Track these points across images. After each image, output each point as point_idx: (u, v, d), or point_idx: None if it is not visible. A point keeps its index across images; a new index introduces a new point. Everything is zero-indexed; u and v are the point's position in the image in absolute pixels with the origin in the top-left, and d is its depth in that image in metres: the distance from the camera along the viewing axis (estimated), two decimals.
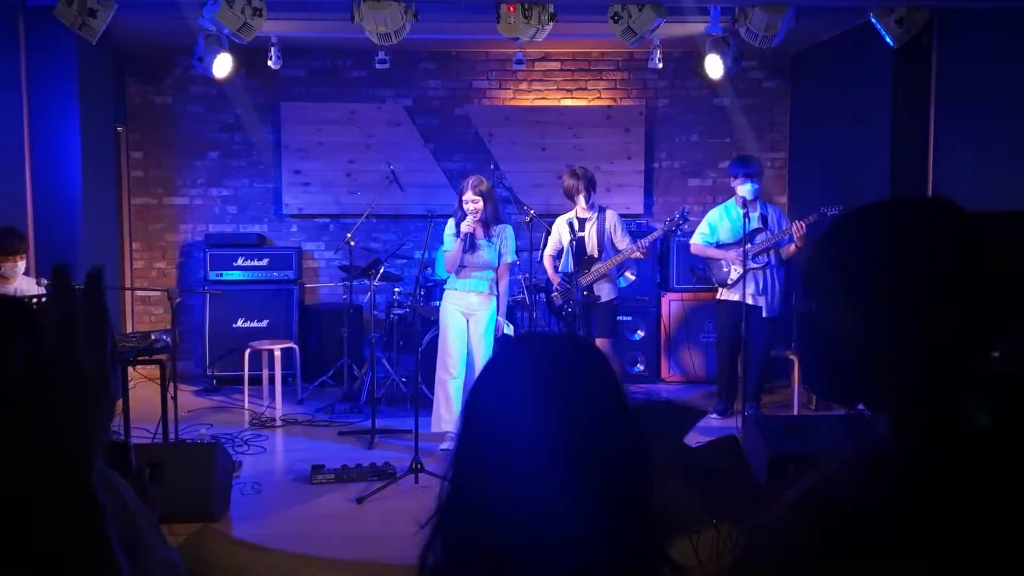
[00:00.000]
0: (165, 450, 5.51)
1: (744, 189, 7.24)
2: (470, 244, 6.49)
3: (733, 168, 7.39)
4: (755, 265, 7.26)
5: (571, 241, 7.15)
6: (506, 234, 6.62)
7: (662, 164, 9.61)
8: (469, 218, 6.43)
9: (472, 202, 6.42)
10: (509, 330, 6.75)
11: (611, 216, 7.26)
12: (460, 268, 6.57)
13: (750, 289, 7.25)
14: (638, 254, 7.11)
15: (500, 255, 6.61)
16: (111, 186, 8.29)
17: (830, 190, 8.47)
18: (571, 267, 7.19)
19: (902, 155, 7.34)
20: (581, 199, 7.13)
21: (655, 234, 7.23)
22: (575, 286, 7.11)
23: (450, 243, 6.55)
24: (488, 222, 6.53)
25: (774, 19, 6.63)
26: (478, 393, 1.43)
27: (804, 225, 7.01)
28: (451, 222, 6.60)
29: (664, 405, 4.68)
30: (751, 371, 7.34)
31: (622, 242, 7.17)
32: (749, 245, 7.19)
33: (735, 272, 7.33)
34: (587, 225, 7.22)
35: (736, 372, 7.57)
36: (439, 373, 6.69)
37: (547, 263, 7.38)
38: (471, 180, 6.53)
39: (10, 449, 1.14)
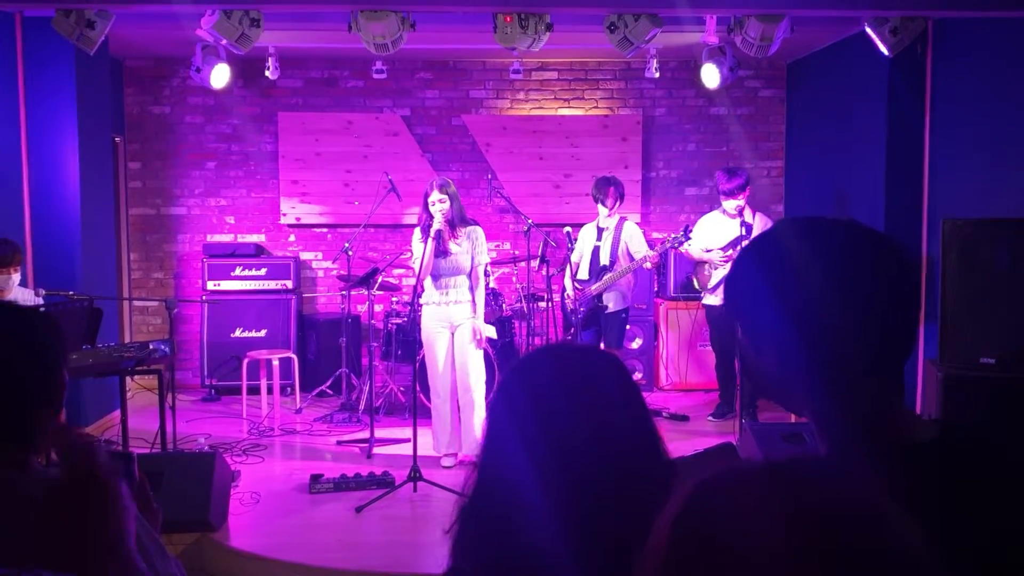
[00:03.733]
0: (163, 460, 5.51)
1: (726, 205, 7.38)
2: (441, 248, 6.33)
3: (718, 183, 7.49)
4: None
5: (593, 248, 7.29)
6: (476, 235, 6.45)
7: (659, 173, 9.63)
8: (438, 216, 6.22)
9: (440, 201, 6.23)
10: (491, 332, 6.68)
11: (628, 227, 7.31)
12: (435, 278, 6.44)
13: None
14: (648, 264, 7.15)
15: (472, 257, 6.45)
16: (109, 197, 8.30)
17: (826, 198, 8.50)
18: (587, 274, 7.28)
19: (897, 163, 7.36)
20: (600, 207, 7.24)
21: (662, 246, 7.21)
22: (585, 294, 7.18)
23: (419, 250, 6.33)
24: (455, 223, 6.35)
25: (769, 28, 6.65)
26: (504, 398, 1.43)
27: None
28: (417, 231, 6.44)
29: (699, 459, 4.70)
30: (743, 377, 7.36)
31: (638, 252, 7.20)
32: (731, 252, 7.30)
33: (715, 278, 7.43)
34: (604, 235, 7.28)
35: (731, 374, 7.62)
36: (432, 397, 6.64)
37: (569, 268, 7.37)
38: (436, 180, 6.37)
39: None
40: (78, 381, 6.94)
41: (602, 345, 7.24)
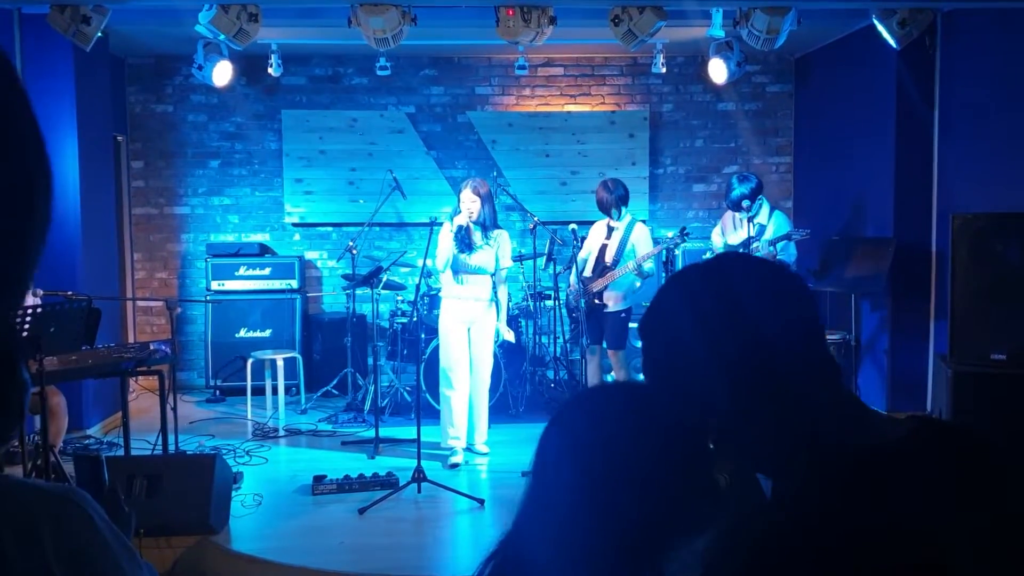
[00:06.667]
0: (163, 462, 5.46)
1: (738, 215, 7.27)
2: (466, 244, 6.41)
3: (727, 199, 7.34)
4: None
5: (601, 246, 7.14)
6: (503, 239, 6.58)
7: (667, 170, 9.54)
8: (465, 213, 6.35)
9: (470, 201, 6.36)
10: (510, 337, 6.74)
11: (639, 229, 7.04)
12: (457, 273, 6.48)
13: None
14: (638, 270, 6.91)
15: (498, 260, 6.54)
16: (111, 196, 8.25)
17: (835, 193, 8.40)
18: (591, 272, 7.16)
19: (906, 157, 7.28)
20: (613, 212, 7.03)
21: (653, 251, 6.99)
22: (585, 291, 7.07)
23: (444, 241, 6.45)
24: (486, 224, 6.45)
25: (775, 21, 6.56)
26: (559, 431, 1.39)
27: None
28: (447, 223, 6.49)
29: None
30: None
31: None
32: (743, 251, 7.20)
33: None
34: (613, 234, 7.12)
35: None
36: (442, 387, 6.65)
37: (575, 265, 7.27)
38: (470, 181, 6.49)
39: None
40: (80, 383, 6.90)
41: (604, 345, 7.11)
